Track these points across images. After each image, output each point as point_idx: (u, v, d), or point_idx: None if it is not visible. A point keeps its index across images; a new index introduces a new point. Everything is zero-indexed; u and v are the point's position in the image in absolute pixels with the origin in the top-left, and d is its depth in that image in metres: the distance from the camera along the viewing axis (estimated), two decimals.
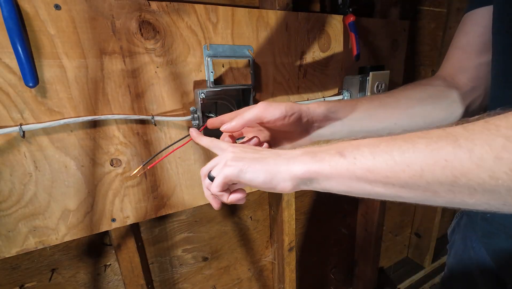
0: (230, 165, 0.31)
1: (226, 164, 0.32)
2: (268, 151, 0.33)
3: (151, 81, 0.52)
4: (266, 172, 0.30)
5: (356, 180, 0.26)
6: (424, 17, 1.07)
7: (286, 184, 0.30)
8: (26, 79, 0.41)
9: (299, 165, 0.29)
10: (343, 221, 1.16)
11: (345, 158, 0.26)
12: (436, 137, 0.22)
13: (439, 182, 0.21)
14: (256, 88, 0.63)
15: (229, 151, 0.33)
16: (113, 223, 0.54)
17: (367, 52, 0.80)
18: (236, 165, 0.31)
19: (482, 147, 0.19)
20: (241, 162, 0.31)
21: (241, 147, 0.34)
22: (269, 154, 0.32)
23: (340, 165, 0.26)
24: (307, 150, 0.30)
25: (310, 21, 0.66)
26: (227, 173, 0.31)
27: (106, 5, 0.46)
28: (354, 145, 0.27)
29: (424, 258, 1.43)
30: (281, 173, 0.29)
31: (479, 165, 0.19)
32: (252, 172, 0.30)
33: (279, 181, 0.30)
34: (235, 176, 0.31)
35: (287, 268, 0.88)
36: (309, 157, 0.29)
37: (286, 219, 0.82)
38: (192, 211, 0.78)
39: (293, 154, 0.30)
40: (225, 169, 0.31)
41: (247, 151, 0.33)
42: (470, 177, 0.19)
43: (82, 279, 0.66)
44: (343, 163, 0.26)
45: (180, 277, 0.81)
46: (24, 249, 0.48)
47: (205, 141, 0.41)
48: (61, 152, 0.47)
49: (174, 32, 0.52)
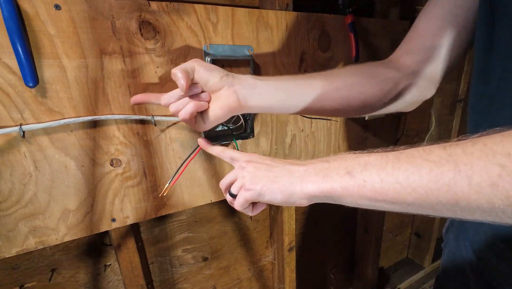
0: (249, 189, 0.34)
1: (245, 187, 0.35)
2: (280, 166, 0.35)
3: (151, 81, 0.52)
4: (283, 193, 0.33)
5: (366, 199, 0.28)
6: None
7: (302, 202, 0.33)
8: (26, 79, 0.41)
9: (312, 185, 0.31)
10: (343, 221, 1.16)
11: (355, 179, 0.28)
12: (438, 161, 0.23)
13: (442, 203, 0.23)
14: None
15: (244, 168, 0.36)
16: (113, 223, 0.54)
17: (367, 52, 0.80)
18: (255, 189, 0.34)
19: (480, 175, 0.21)
20: (259, 185, 0.34)
21: (253, 162, 0.37)
22: (282, 172, 0.34)
23: (350, 186, 0.28)
24: (317, 166, 0.32)
25: (310, 21, 0.66)
26: (247, 197, 0.35)
27: (106, 5, 0.46)
28: (362, 163, 0.28)
29: (424, 258, 1.43)
30: (297, 193, 0.32)
31: (477, 192, 0.21)
32: (270, 194, 0.33)
33: (296, 199, 0.33)
34: (254, 198, 0.35)
35: (287, 268, 0.88)
36: (320, 177, 0.31)
37: (286, 219, 0.82)
38: (192, 211, 0.78)
39: (305, 172, 0.32)
40: (245, 193, 0.35)
41: (259, 168, 0.36)
42: (470, 201, 0.22)
43: (82, 279, 0.66)
44: (353, 185, 0.28)
45: (180, 277, 0.81)
46: (24, 249, 0.48)
47: (216, 150, 0.44)
48: (61, 152, 0.47)
49: (174, 32, 0.52)
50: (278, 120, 0.68)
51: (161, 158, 0.56)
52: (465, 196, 0.22)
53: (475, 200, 0.21)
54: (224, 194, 0.40)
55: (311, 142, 0.76)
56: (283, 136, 0.71)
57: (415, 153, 0.25)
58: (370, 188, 0.27)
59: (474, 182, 0.21)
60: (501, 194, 0.20)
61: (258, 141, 0.67)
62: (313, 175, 0.31)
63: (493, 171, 0.20)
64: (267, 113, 0.66)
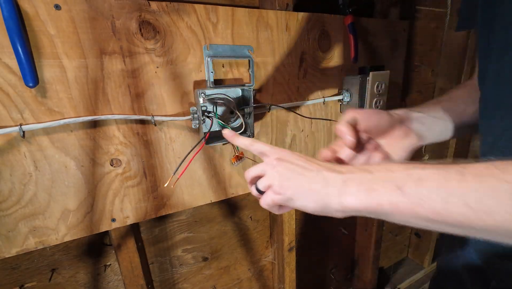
0: (279, 193, 0.32)
1: (274, 190, 0.32)
2: (315, 172, 0.31)
3: (151, 81, 0.52)
4: (317, 203, 0.29)
5: (421, 219, 0.24)
6: (424, 17, 1.07)
7: (337, 214, 0.29)
8: (26, 79, 0.41)
9: (353, 199, 0.27)
10: (343, 221, 1.16)
11: (407, 196, 0.24)
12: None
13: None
14: (256, 88, 0.63)
15: (275, 167, 0.33)
16: (113, 223, 0.54)
17: (367, 52, 0.80)
18: (285, 194, 0.31)
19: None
20: (290, 191, 0.31)
21: (285, 161, 0.33)
22: (317, 179, 0.30)
23: (401, 203, 0.25)
24: (357, 176, 0.28)
25: (310, 21, 0.66)
26: (276, 200, 0.32)
27: (106, 5, 0.46)
28: (414, 178, 0.25)
29: (424, 258, 1.43)
30: (333, 205, 0.29)
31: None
32: (301, 201, 0.30)
33: (331, 211, 0.29)
34: (283, 202, 0.32)
35: (287, 268, 0.88)
36: (363, 191, 0.27)
37: (286, 219, 0.82)
38: (192, 211, 0.78)
39: (344, 184, 0.28)
40: (274, 196, 0.32)
41: (292, 169, 0.32)
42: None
43: (82, 279, 0.66)
44: (405, 202, 0.24)
45: (180, 277, 0.81)
46: (24, 249, 0.48)
47: (244, 142, 0.40)
48: (61, 152, 0.47)
49: (174, 32, 0.52)
50: (278, 121, 0.68)
51: (161, 158, 0.56)
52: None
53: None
54: (248, 185, 0.38)
55: (311, 142, 0.76)
56: (283, 137, 0.70)
57: (484, 170, 0.22)
58: (428, 207, 0.23)
59: None
60: None
61: None
62: (355, 186, 0.28)
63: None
64: (266, 113, 0.66)
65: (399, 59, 0.88)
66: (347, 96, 0.74)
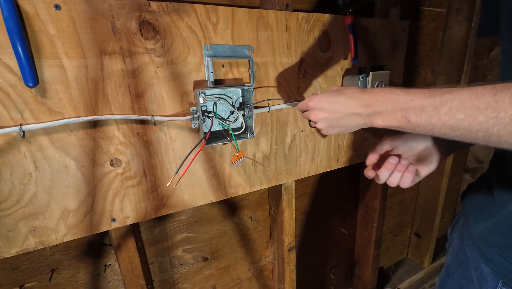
0: (326, 133, 0.46)
1: (323, 131, 0.46)
2: (343, 114, 0.42)
3: (151, 81, 0.52)
4: (355, 128, 0.44)
5: (417, 132, 0.35)
6: (424, 17, 1.07)
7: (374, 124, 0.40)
8: (26, 79, 0.41)
9: (379, 122, 0.38)
10: (343, 221, 1.16)
11: (411, 124, 0.34)
12: (484, 109, 0.27)
13: (479, 139, 0.29)
14: (256, 88, 0.63)
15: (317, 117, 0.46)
16: (113, 223, 0.54)
17: (367, 52, 0.80)
18: (332, 133, 0.46)
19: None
20: (334, 131, 0.45)
21: (321, 111, 0.45)
22: (349, 121, 0.43)
23: (407, 128, 0.35)
24: (374, 109, 0.38)
25: (310, 21, 0.66)
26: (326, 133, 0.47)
27: (106, 5, 0.46)
28: (417, 108, 0.33)
29: (424, 258, 1.43)
30: (367, 124, 0.41)
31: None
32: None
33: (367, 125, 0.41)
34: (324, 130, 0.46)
35: (287, 268, 0.88)
36: (380, 120, 0.38)
37: (286, 219, 0.82)
38: (192, 211, 0.78)
39: (368, 117, 0.39)
40: (324, 132, 0.46)
41: (328, 119, 0.45)
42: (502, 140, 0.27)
43: (82, 279, 0.66)
44: (409, 128, 0.35)
45: (180, 277, 0.81)
46: (24, 249, 0.48)
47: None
48: (61, 152, 0.47)
49: (174, 32, 0.52)
50: (278, 121, 0.68)
51: (161, 158, 0.56)
52: (500, 136, 0.26)
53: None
54: (302, 108, 0.51)
55: (311, 142, 0.76)
56: (283, 136, 0.71)
57: (466, 103, 0.28)
58: (422, 128, 0.33)
59: (509, 128, 0.25)
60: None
61: (258, 142, 0.67)
62: (378, 116, 0.37)
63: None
64: (266, 113, 0.66)
65: (399, 59, 0.88)
66: None
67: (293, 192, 0.80)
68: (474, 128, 0.28)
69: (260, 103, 0.64)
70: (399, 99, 0.35)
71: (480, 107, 0.27)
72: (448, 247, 0.56)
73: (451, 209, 1.67)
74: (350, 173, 1.10)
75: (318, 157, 0.79)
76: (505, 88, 0.26)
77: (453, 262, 0.53)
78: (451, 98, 0.30)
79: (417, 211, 1.42)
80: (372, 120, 0.39)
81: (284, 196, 0.79)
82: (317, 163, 0.79)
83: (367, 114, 0.39)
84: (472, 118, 0.28)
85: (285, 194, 0.79)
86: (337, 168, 0.84)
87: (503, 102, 0.26)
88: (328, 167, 0.82)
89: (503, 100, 0.26)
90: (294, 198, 0.81)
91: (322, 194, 1.05)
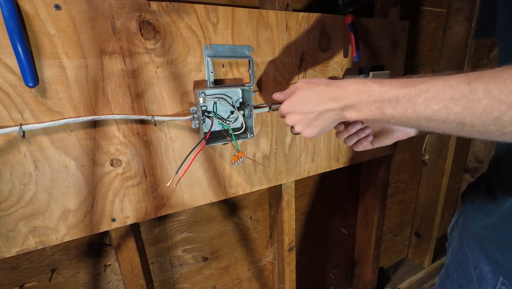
0: (307, 136, 0.43)
1: (302, 133, 0.43)
2: (316, 112, 0.41)
3: (151, 81, 0.52)
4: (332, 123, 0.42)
5: (392, 123, 0.35)
6: (424, 17, 1.07)
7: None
8: (26, 79, 0.41)
9: (352, 115, 0.37)
10: (343, 221, 1.16)
11: (385, 116, 0.33)
12: (459, 98, 0.27)
13: (454, 129, 0.29)
14: (256, 88, 0.63)
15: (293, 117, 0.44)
16: (113, 223, 0.54)
17: (367, 52, 0.80)
18: (310, 134, 0.43)
19: (486, 110, 0.25)
20: (312, 131, 0.43)
21: (294, 113, 0.43)
22: (322, 119, 0.41)
23: (382, 119, 0.34)
24: (347, 102, 0.37)
25: (310, 21, 0.66)
26: (306, 136, 0.44)
27: (106, 5, 0.46)
28: (392, 100, 0.32)
29: (424, 258, 1.43)
30: (341, 119, 0.39)
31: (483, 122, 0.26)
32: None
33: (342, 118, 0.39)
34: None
35: (287, 268, 0.88)
36: (355, 113, 0.37)
37: (286, 219, 0.82)
38: (192, 211, 0.78)
39: (341, 111, 0.38)
40: (304, 134, 0.44)
41: (303, 119, 0.42)
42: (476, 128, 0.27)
43: (82, 279, 0.66)
44: (384, 119, 0.34)
45: (180, 277, 0.81)
46: (24, 249, 0.48)
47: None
48: (61, 152, 0.47)
49: (174, 32, 0.52)
50: (278, 120, 0.68)
51: (161, 158, 0.56)
52: (472, 126, 0.27)
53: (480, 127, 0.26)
54: (283, 112, 0.46)
55: (311, 142, 0.76)
56: (283, 136, 0.70)
57: (441, 93, 0.28)
58: (397, 120, 0.32)
59: (483, 118, 0.26)
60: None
61: (258, 141, 0.67)
62: (351, 110, 0.36)
63: (501, 108, 0.24)
64: (266, 113, 0.66)
65: (399, 59, 0.88)
66: None
67: (293, 192, 0.80)
68: (449, 119, 0.28)
69: (260, 102, 0.64)
70: (372, 92, 0.34)
71: (455, 98, 0.27)
72: (448, 247, 0.56)
73: (451, 209, 1.67)
74: (350, 173, 1.10)
75: (318, 157, 0.79)
76: (478, 77, 0.26)
77: (452, 261, 0.53)
78: (426, 89, 0.29)
79: (417, 211, 1.43)
80: (344, 114, 0.37)
81: (284, 196, 0.79)
82: (317, 163, 0.79)
83: (339, 108, 0.37)
84: (447, 108, 0.27)
85: (285, 194, 0.79)
86: (337, 168, 0.84)
87: (476, 92, 0.25)
88: (328, 167, 0.82)
89: (477, 89, 0.25)
90: (294, 198, 0.81)
91: (322, 194, 1.05)
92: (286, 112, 0.44)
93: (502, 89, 0.24)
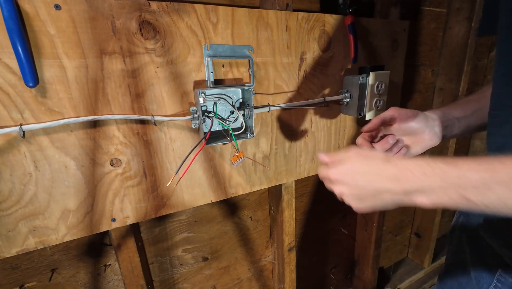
0: (357, 209, 0.40)
1: (352, 206, 0.40)
2: (373, 189, 0.36)
3: (151, 81, 0.52)
4: (391, 206, 0.37)
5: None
6: (424, 17, 1.07)
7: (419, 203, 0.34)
8: (26, 79, 0.41)
9: (423, 201, 0.32)
10: (343, 221, 1.16)
11: (468, 202, 0.29)
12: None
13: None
14: (256, 88, 0.63)
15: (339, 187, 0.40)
16: (113, 223, 0.54)
17: (367, 52, 0.80)
18: (363, 208, 0.39)
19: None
20: (364, 206, 0.39)
21: (344, 184, 0.39)
22: (382, 195, 0.36)
23: (461, 205, 0.30)
24: (416, 183, 0.32)
25: (310, 21, 0.66)
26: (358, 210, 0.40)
27: (106, 5, 0.46)
28: (477, 185, 0.29)
29: (424, 258, 1.43)
30: (406, 203, 0.34)
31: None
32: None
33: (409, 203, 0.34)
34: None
35: (287, 268, 0.88)
36: (427, 199, 0.32)
37: (286, 219, 0.82)
38: (192, 211, 0.78)
39: (406, 193, 0.33)
40: (355, 207, 0.40)
41: (354, 192, 0.39)
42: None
43: (82, 279, 0.66)
44: (463, 205, 0.30)
45: (180, 277, 0.81)
46: (24, 249, 0.48)
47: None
48: (61, 152, 0.47)
49: (174, 32, 0.52)
50: (278, 121, 0.68)
51: (161, 158, 0.56)
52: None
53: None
54: (323, 176, 0.43)
55: (311, 142, 0.76)
56: (283, 136, 0.70)
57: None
58: (473, 206, 0.29)
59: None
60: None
61: (258, 141, 0.67)
62: (421, 195, 0.32)
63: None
64: (266, 113, 0.66)
65: (399, 59, 0.88)
66: (347, 97, 0.74)
67: (293, 192, 0.80)
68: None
69: (260, 103, 0.64)
70: (446, 175, 0.30)
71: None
72: (448, 246, 0.56)
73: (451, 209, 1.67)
74: None
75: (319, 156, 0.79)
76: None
77: (452, 260, 0.53)
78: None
79: (417, 211, 1.42)
80: (413, 199, 0.33)
81: (284, 196, 0.79)
82: (317, 163, 0.79)
83: (402, 191, 0.33)
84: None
85: (285, 194, 0.79)
86: None
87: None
88: None
89: None
90: (294, 198, 0.81)
91: (322, 194, 1.05)
92: (334, 180, 0.40)
93: None
